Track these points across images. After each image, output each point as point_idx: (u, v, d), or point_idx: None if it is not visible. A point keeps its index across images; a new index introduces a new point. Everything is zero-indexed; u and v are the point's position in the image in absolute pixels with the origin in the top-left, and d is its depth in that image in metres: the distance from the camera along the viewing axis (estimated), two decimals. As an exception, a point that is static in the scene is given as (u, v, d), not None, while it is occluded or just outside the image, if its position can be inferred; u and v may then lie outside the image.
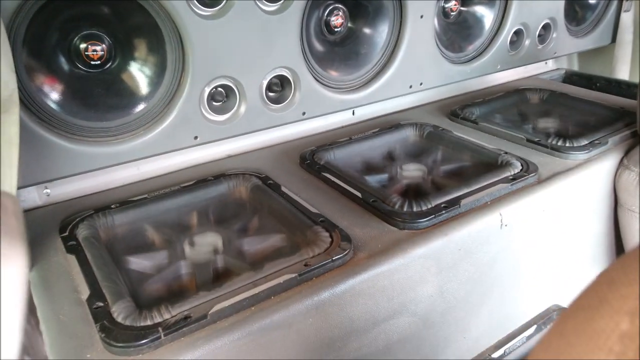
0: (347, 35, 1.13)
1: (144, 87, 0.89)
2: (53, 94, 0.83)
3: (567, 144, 1.02)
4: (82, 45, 0.84)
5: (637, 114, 1.03)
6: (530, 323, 0.95)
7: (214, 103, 0.96)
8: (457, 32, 1.30)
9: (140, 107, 0.89)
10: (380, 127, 1.15)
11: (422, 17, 1.14)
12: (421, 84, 1.23)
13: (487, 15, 1.31)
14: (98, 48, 0.84)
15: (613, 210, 1.05)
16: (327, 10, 1.08)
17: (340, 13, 1.09)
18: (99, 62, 0.85)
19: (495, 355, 0.90)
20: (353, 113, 1.25)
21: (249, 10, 0.90)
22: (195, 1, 0.85)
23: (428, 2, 1.14)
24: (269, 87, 1.00)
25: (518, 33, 1.36)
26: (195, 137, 0.94)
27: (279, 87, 1.02)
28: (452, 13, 1.29)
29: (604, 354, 0.23)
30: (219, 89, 0.94)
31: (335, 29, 1.10)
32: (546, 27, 1.42)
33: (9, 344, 0.36)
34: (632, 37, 1.66)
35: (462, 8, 1.30)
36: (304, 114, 1.05)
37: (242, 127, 0.99)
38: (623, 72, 1.69)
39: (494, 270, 0.86)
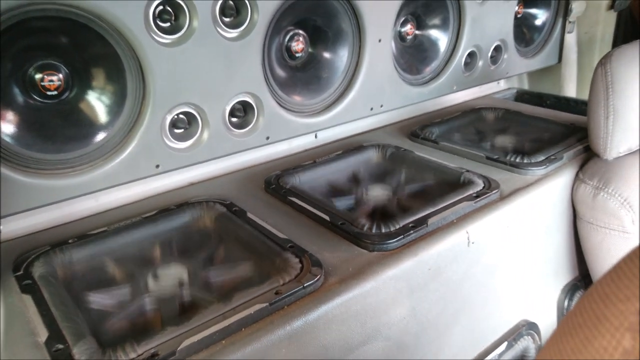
0: (308, 60, 1.14)
1: (103, 116, 0.87)
2: (6, 127, 0.79)
3: (525, 161, 1.05)
4: (38, 76, 0.80)
5: (588, 129, 1.07)
6: (501, 340, 0.96)
7: (176, 130, 0.94)
8: (413, 55, 1.33)
9: (100, 137, 0.86)
10: (343, 150, 1.15)
11: (380, 41, 1.16)
12: (381, 106, 1.24)
13: (441, 38, 1.35)
14: (54, 78, 0.81)
15: (572, 223, 1.08)
16: (288, 36, 1.08)
17: (301, 39, 1.10)
18: (55, 92, 0.82)
19: (469, 374, 0.90)
20: (316, 136, 1.25)
21: (210, 37, 0.89)
22: (156, 29, 0.84)
23: (385, 27, 1.16)
24: (232, 113, 0.99)
25: (471, 55, 1.40)
26: (157, 166, 0.92)
27: (242, 113, 1.01)
28: (408, 37, 1.32)
29: None
30: (181, 116, 0.93)
31: (297, 54, 1.10)
32: (497, 49, 1.47)
33: None
34: (577, 57, 1.75)
35: (417, 32, 1.34)
36: (267, 138, 1.05)
37: (205, 153, 0.97)
38: (570, 90, 1.77)
39: (464, 289, 0.87)
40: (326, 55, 1.14)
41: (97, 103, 0.86)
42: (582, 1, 1.63)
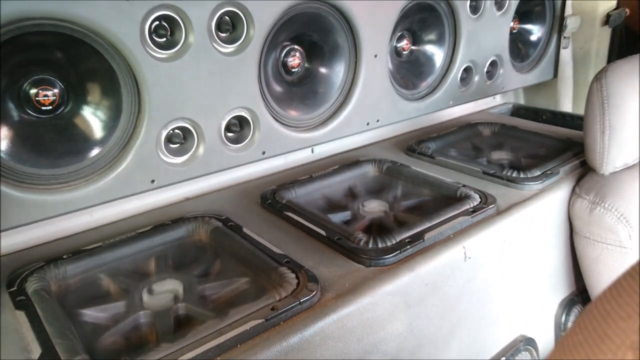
0: (304, 75, 1.14)
1: (98, 131, 0.86)
2: (0, 142, 0.79)
3: (522, 175, 1.05)
4: (33, 91, 0.80)
5: (584, 144, 1.07)
6: (499, 355, 0.95)
7: (172, 145, 0.94)
8: (410, 70, 1.34)
9: (95, 152, 0.86)
10: (339, 164, 1.15)
11: (376, 56, 1.17)
12: (378, 120, 1.25)
13: (437, 53, 1.36)
14: (49, 93, 0.81)
15: (569, 237, 1.08)
16: (284, 52, 1.09)
17: (297, 54, 1.10)
18: (50, 107, 0.82)
19: (467, 390, 0.89)
20: (312, 151, 1.25)
21: (206, 52, 0.89)
22: (151, 44, 0.84)
23: (381, 42, 1.17)
24: (228, 128, 0.99)
25: (467, 70, 1.41)
26: (153, 181, 0.91)
27: (238, 128, 1.01)
28: (404, 52, 1.33)
29: None
30: (177, 130, 0.93)
31: (293, 70, 1.11)
32: (493, 64, 1.48)
33: None
34: (572, 72, 1.76)
35: (413, 47, 1.35)
36: (263, 153, 1.05)
37: (200, 168, 0.97)
38: (566, 105, 1.78)
39: (461, 304, 0.86)
40: (322, 70, 1.14)
41: (92, 118, 0.86)
42: (576, 17, 1.64)
